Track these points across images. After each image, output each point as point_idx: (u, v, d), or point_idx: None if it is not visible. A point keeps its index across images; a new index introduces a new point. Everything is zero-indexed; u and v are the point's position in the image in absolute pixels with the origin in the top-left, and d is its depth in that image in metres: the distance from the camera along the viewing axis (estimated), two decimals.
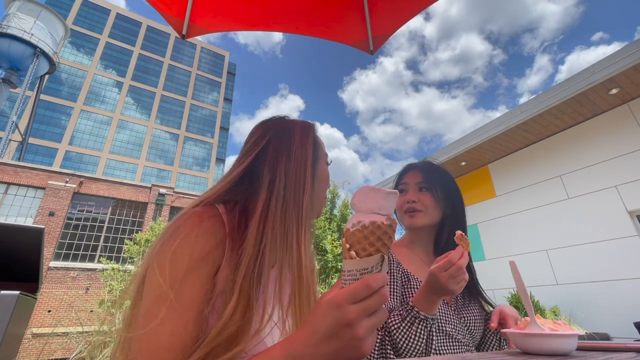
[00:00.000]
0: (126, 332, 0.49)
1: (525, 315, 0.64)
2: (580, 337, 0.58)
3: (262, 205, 0.58)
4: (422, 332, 0.76)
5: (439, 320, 0.85)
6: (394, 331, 0.78)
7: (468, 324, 0.91)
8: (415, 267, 0.98)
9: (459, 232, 0.72)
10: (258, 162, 0.65)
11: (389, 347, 0.80)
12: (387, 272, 0.57)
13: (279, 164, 0.63)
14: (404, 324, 0.77)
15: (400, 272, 0.95)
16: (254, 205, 0.59)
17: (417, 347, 0.76)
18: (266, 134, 0.69)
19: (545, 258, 4.98)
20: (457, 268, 0.69)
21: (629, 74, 4.01)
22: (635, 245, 4.10)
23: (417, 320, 0.76)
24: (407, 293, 0.91)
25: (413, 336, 0.76)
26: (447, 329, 0.86)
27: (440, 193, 1.00)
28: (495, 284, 5.25)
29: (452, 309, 0.92)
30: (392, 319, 0.80)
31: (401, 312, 0.80)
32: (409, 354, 0.77)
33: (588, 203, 4.67)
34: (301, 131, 0.69)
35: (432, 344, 0.78)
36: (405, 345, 0.76)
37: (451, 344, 0.85)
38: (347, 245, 0.38)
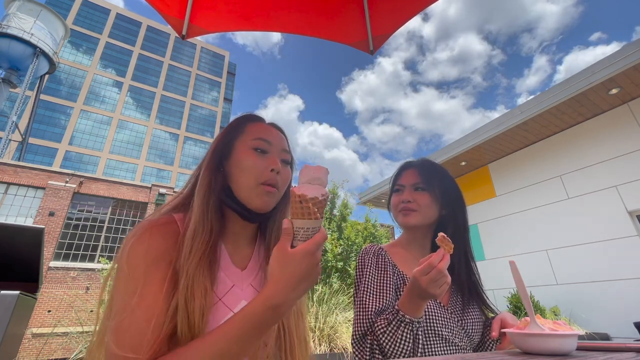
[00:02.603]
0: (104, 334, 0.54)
1: (525, 315, 0.64)
2: (580, 337, 0.58)
3: (192, 208, 0.63)
4: (408, 335, 0.75)
5: (435, 324, 0.84)
6: (381, 335, 0.78)
7: (466, 328, 0.90)
8: (411, 268, 0.96)
9: (440, 234, 0.71)
10: (199, 172, 0.70)
11: (377, 352, 0.80)
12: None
13: (202, 166, 0.69)
14: (389, 328, 0.77)
15: (395, 275, 0.94)
16: None
17: (404, 350, 0.75)
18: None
19: (545, 258, 4.98)
20: (437, 272, 0.67)
21: (629, 74, 4.02)
22: (635, 245, 4.10)
23: (402, 324, 0.75)
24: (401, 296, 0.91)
25: (399, 340, 0.75)
26: (444, 333, 0.84)
27: (436, 192, 0.98)
28: (495, 284, 5.25)
29: (450, 312, 0.90)
30: (379, 323, 0.79)
31: (387, 316, 0.79)
32: (396, 359, 0.76)
33: (588, 203, 4.67)
34: (223, 128, 0.74)
35: (418, 347, 0.77)
36: (391, 349, 0.76)
37: (448, 347, 0.84)
38: (315, 209, 0.50)
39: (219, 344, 0.46)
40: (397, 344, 0.75)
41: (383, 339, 0.77)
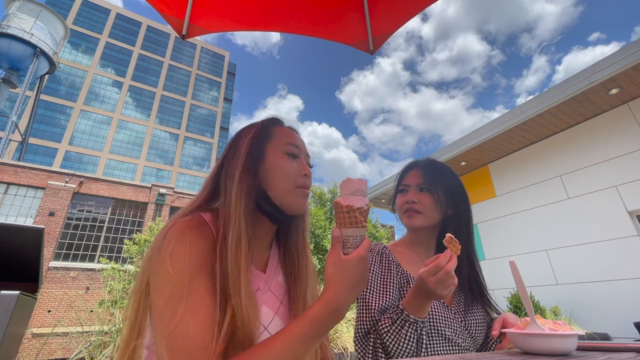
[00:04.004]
0: (138, 340, 0.55)
1: (525, 315, 0.64)
2: (580, 337, 0.58)
3: (222, 210, 0.62)
4: (412, 335, 0.75)
5: (438, 324, 0.84)
6: (384, 334, 0.77)
7: (469, 328, 0.89)
8: (415, 268, 0.96)
9: (448, 234, 0.70)
10: (221, 170, 0.69)
11: (380, 351, 0.79)
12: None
13: (229, 167, 0.67)
14: (393, 327, 0.76)
15: (399, 274, 0.93)
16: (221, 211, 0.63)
17: (407, 350, 0.75)
18: (230, 142, 0.73)
19: (545, 258, 4.98)
20: (445, 273, 0.67)
21: (629, 74, 4.01)
22: (635, 245, 4.10)
23: (406, 324, 0.75)
24: (405, 295, 0.90)
25: (403, 339, 0.75)
26: (447, 332, 0.84)
27: (441, 193, 0.97)
28: (495, 284, 5.25)
29: (453, 312, 0.90)
30: (383, 322, 0.79)
31: (391, 315, 0.78)
32: (399, 358, 0.76)
33: (588, 203, 4.67)
34: (247, 129, 0.72)
35: (422, 347, 0.77)
36: (395, 348, 0.76)
37: (450, 347, 0.83)
38: (362, 218, 0.55)
39: (291, 346, 0.48)
40: (401, 344, 0.75)
41: (387, 337, 0.77)
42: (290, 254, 0.73)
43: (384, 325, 0.78)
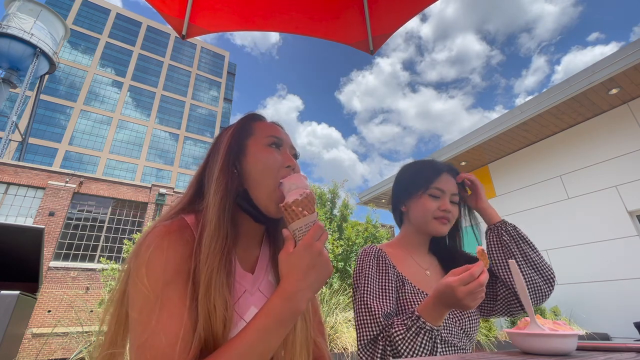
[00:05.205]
0: (114, 349, 0.54)
1: (526, 315, 0.64)
2: (580, 337, 0.58)
3: (204, 211, 0.61)
4: (427, 343, 0.73)
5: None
6: (399, 342, 0.75)
7: (464, 327, 0.88)
8: (410, 270, 0.97)
9: (480, 247, 0.69)
10: (205, 170, 0.68)
11: (390, 357, 0.78)
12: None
13: (211, 166, 0.66)
14: (409, 335, 0.74)
15: (395, 276, 0.93)
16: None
17: (421, 356, 0.74)
18: (213, 142, 0.73)
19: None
20: (478, 284, 0.65)
21: (629, 74, 4.02)
22: (635, 245, 4.10)
23: (422, 331, 0.73)
24: (401, 298, 0.90)
25: (418, 347, 0.73)
26: (443, 334, 0.83)
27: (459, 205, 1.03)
28: None
29: (449, 313, 0.89)
30: (397, 329, 0.77)
31: (406, 322, 0.76)
32: None
33: (588, 203, 4.67)
34: (228, 127, 0.72)
35: (435, 354, 0.76)
36: (408, 355, 0.75)
37: (446, 349, 0.83)
38: (300, 209, 0.55)
39: (252, 342, 0.48)
40: (415, 351, 0.74)
41: (401, 345, 0.75)
42: (274, 251, 0.71)
43: (397, 332, 0.76)
